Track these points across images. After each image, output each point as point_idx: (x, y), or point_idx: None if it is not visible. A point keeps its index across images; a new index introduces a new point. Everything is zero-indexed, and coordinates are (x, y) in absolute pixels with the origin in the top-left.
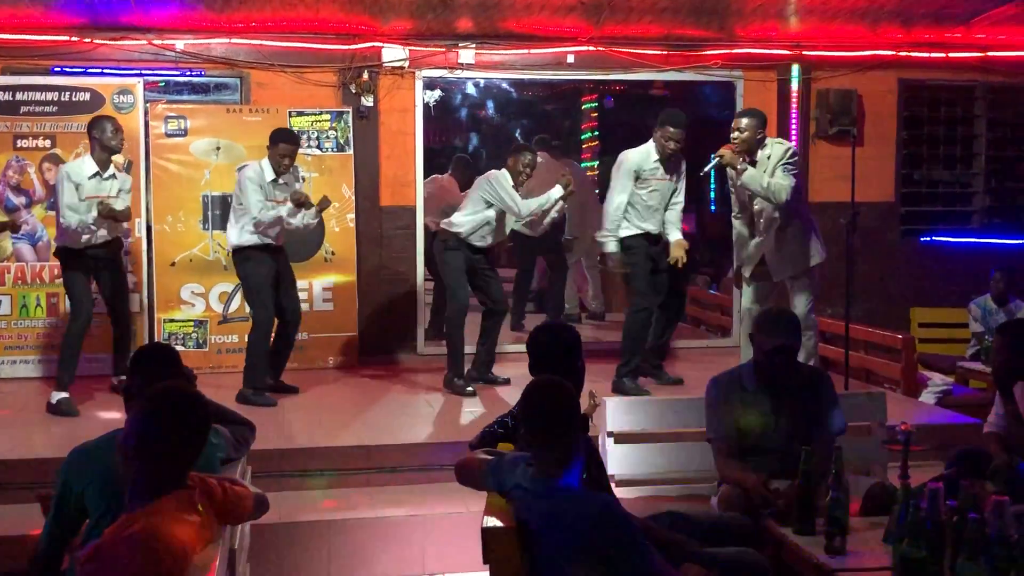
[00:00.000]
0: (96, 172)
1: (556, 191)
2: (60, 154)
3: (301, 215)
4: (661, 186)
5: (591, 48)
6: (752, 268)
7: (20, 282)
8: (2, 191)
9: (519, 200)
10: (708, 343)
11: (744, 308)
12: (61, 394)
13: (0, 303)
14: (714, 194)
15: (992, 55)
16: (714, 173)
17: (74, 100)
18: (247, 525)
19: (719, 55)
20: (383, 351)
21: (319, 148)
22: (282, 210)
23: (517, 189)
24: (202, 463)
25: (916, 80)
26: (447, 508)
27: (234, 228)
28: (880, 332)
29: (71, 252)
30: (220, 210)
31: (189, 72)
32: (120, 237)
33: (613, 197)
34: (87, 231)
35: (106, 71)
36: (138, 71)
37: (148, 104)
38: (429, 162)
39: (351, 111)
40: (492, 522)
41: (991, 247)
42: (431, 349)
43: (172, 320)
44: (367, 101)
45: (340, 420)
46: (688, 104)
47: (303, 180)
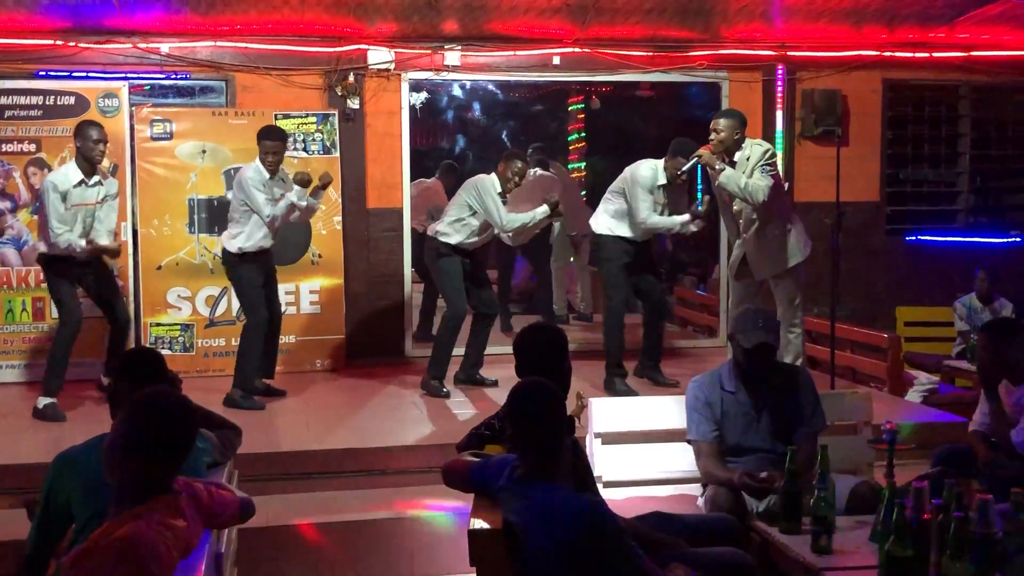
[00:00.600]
0: (81, 180)
1: (542, 210)
2: (45, 158)
3: (304, 194)
4: (660, 211)
5: (577, 50)
6: (736, 268)
7: (5, 286)
8: None
9: (503, 212)
10: (695, 343)
11: (732, 307)
12: (47, 399)
13: None
14: (700, 194)
15: (976, 55)
16: (700, 174)
17: (59, 104)
18: (233, 529)
19: (704, 56)
20: (370, 354)
21: (305, 151)
22: (291, 196)
23: (505, 196)
24: (188, 467)
25: (900, 80)
26: (434, 510)
27: (237, 233)
28: (866, 331)
29: (54, 258)
30: (206, 213)
31: (174, 75)
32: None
33: (641, 214)
34: (74, 251)
35: (91, 75)
36: (123, 75)
37: (133, 108)
38: (415, 164)
39: (337, 113)
40: (479, 524)
41: (976, 246)
42: (419, 351)
43: (159, 324)
44: (353, 103)
45: (327, 423)
46: (673, 105)
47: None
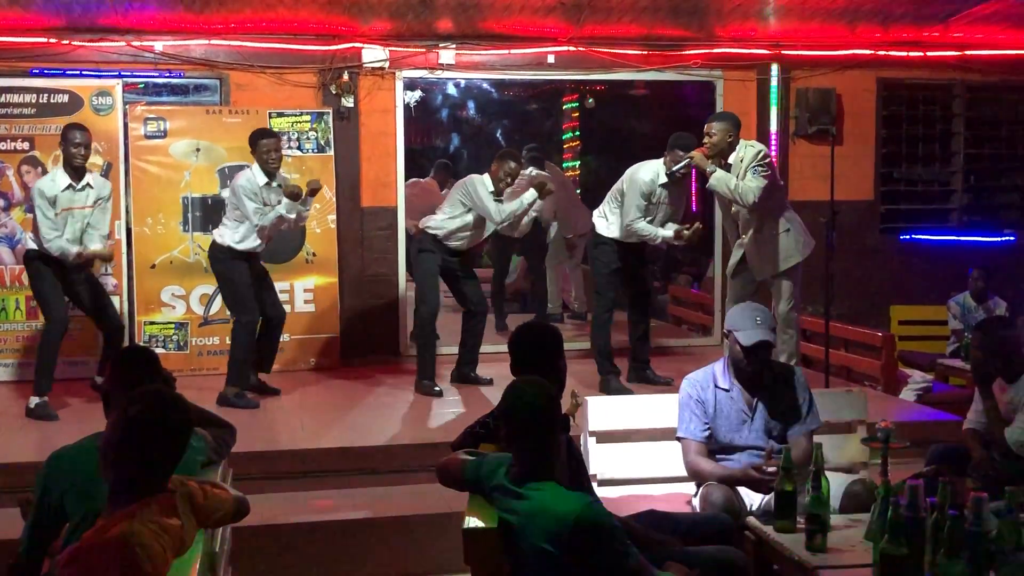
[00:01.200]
0: (68, 184)
1: (530, 194)
2: (38, 156)
3: (293, 207)
4: (664, 210)
5: (571, 48)
6: (734, 266)
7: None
8: None
9: (494, 207)
10: (690, 342)
11: (729, 305)
12: (38, 399)
13: None
14: (695, 194)
15: (970, 54)
16: (695, 173)
17: (52, 102)
18: (228, 528)
19: (699, 55)
20: (365, 352)
21: (299, 149)
22: (280, 209)
23: (499, 195)
24: (182, 466)
25: (895, 79)
26: (429, 509)
27: (230, 230)
28: (860, 330)
29: (39, 256)
30: (200, 212)
31: (168, 73)
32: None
33: (629, 215)
34: (66, 258)
35: (85, 73)
36: (117, 73)
37: (127, 106)
38: (410, 163)
39: (331, 112)
40: (474, 523)
41: (970, 245)
42: (413, 350)
43: (152, 323)
44: (347, 102)
45: (322, 422)
46: (668, 104)
47: (285, 179)
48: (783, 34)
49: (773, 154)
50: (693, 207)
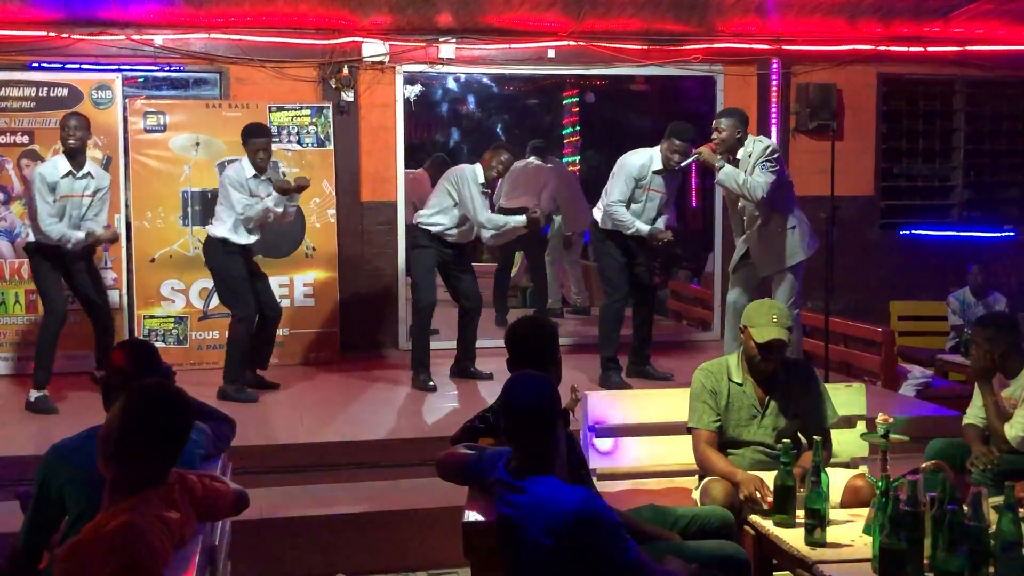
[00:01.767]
0: (68, 172)
1: (519, 219)
2: (38, 150)
3: (281, 200)
4: (656, 198)
5: (571, 43)
6: (736, 261)
7: None
8: None
9: (479, 206)
10: (689, 337)
11: (728, 301)
12: (38, 392)
13: None
14: (695, 189)
15: (970, 49)
16: (696, 168)
17: (52, 96)
18: (227, 521)
19: (699, 50)
20: (365, 346)
21: (299, 143)
22: (268, 202)
23: (490, 186)
24: (182, 459)
25: (895, 74)
26: (429, 503)
27: (222, 222)
28: (860, 325)
29: (41, 247)
30: (200, 206)
31: (168, 67)
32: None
33: (612, 196)
34: (67, 243)
35: (84, 66)
36: (117, 67)
37: (127, 100)
38: (410, 157)
39: (331, 106)
40: (473, 517)
41: (970, 240)
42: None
43: (152, 316)
44: (347, 96)
45: (321, 416)
46: (668, 99)
47: (283, 175)
48: (784, 29)
49: None
50: (693, 202)
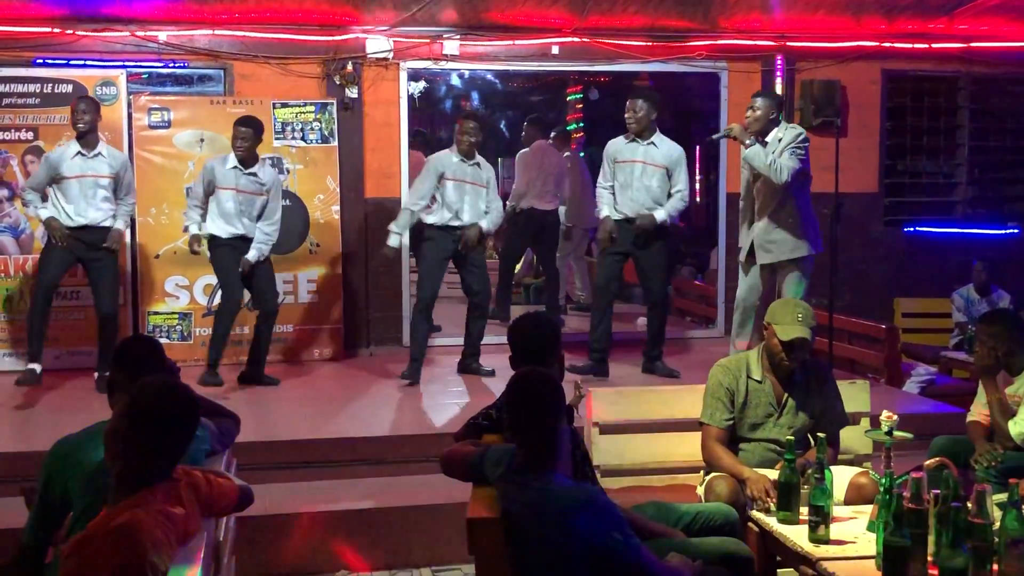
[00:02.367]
0: (78, 152)
1: (394, 239)
2: (42, 146)
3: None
4: (634, 167)
5: (576, 39)
6: (745, 257)
7: (3, 275)
8: None
9: (414, 194)
10: (693, 333)
11: (738, 298)
12: (30, 365)
13: None
14: (698, 185)
15: (975, 46)
16: (699, 156)
17: (56, 92)
18: (232, 518)
19: (703, 46)
20: (368, 343)
21: (303, 140)
22: (42, 213)
23: (469, 157)
24: (187, 456)
25: (899, 71)
26: (433, 500)
27: (209, 218)
28: (864, 322)
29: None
30: None
31: (172, 64)
32: (109, 227)
33: (599, 182)
34: (32, 215)
35: (89, 63)
36: (121, 63)
37: (131, 96)
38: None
39: (335, 103)
40: (477, 513)
41: (974, 237)
42: None
43: (156, 313)
44: (351, 92)
45: (325, 412)
46: (673, 95)
47: (288, 172)
48: (788, 25)
49: None
50: (696, 196)
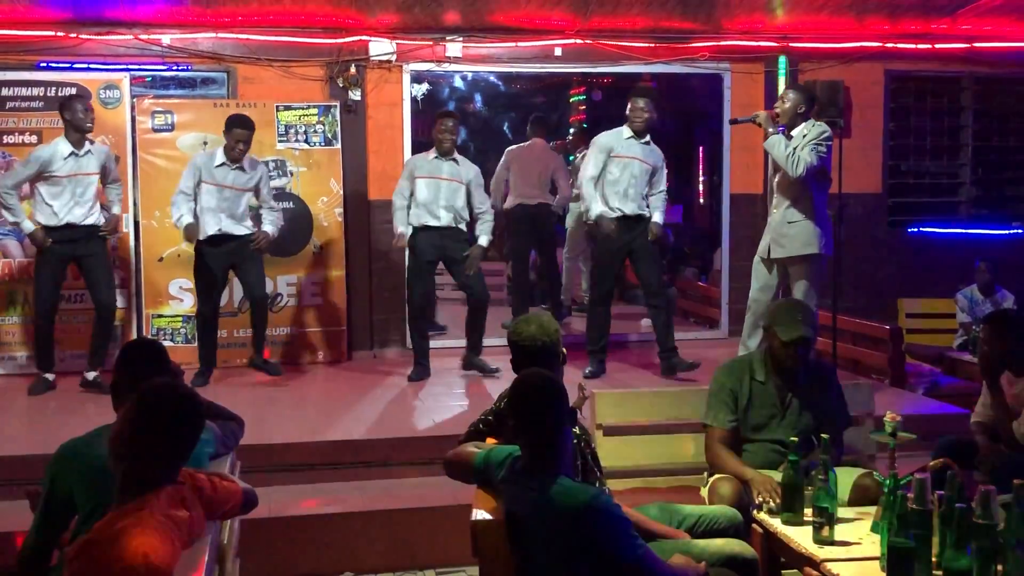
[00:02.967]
0: (71, 152)
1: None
2: None
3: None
4: (631, 171)
5: (578, 41)
6: (765, 251)
7: (6, 278)
8: None
9: (397, 195)
10: (696, 335)
11: (751, 299)
12: (44, 375)
13: None
14: (702, 186)
15: (978, 46)
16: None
17: (60, 95)
18: (236, 520)
19: (706, 47)
20: (372, 345)
21: (307, 142)
22: (25, 225)
23: (448, 155)
24: (192, 458)
25: (903, 71)
26: (436, 502)
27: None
28: (867, 323)
29: (48, 229)
30: None
31: (176, 67)
32: (98, 225)
33: (586, 172)
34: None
35: (92, 66)
36: (124, 66)
37: (135, 99)
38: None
39: (339, 105)
40: (482, 515)
41: (978, 238)
42: None
43: (160, 315)
44: (354, 95)
45: (330, 414)
46: (676, 96)
47: (291, 175)
48: (791, 26)
49: None
50: (700, 198)
